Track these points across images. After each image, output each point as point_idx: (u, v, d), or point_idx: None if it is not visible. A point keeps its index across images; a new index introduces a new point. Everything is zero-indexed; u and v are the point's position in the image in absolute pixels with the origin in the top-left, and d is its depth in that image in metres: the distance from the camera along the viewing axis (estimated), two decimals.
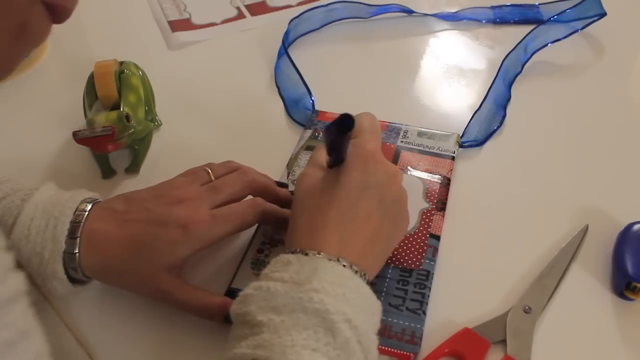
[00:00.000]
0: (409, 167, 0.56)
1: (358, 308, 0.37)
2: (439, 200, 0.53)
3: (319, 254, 0.39)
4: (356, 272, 0.39)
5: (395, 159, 0.57)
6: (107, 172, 0.58)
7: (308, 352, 0.34)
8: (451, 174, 0.56)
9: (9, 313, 0.26)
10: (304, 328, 0.35)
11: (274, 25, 0.74)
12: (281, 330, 0.35)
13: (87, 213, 0.44)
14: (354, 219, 0.41)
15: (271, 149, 0.60)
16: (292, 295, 0.36)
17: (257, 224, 0.51)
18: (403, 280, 0.47)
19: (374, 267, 0.42)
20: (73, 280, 0.44)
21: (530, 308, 0.46)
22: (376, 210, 0.42)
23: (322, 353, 0.34)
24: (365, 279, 0.40)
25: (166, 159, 0.60)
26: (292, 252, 0.40)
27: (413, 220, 0.52)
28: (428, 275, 0.48)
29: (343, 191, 0.42)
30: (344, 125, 0.38)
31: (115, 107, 0.56)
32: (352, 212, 0.42)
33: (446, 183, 0.55)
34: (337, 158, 0.44)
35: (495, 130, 0.61)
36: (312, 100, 0.65)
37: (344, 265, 0.39)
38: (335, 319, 0.35)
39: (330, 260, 0.39)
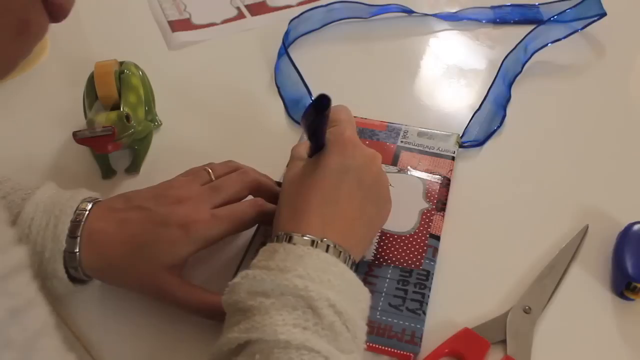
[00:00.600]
0: (409, 167, 0.56)
1: (343, 294, 0.38)
2: (439, 201, 0.53)
3: (303, 235, 0.40)
4: (340, 252, 0.40)
5: (395, 159, 0.57)
6: (107, 172, 0.58)
7: (299, 330, 0.35)
8: (451, 174, 0.56)
9: (14, 282, 0.26)
10: (294, 309, 0.36)
11: (274, 25, 0.74)
12: (272, 311, 0.36)
13: (87, 212, 0.44)
14: (335, 201, 0.42)
15: (271, 149, 0.60)
16: (277, 282, 0.36)
17: (257, 224, 0.51)
18: (403, 280, 0.47)
19: (357, 249, 0.43)
20: (73, 279, 0.44)
21: (530, 308, 0.46)
22: (357, 192, 0.43)
23: (313, 331, 0.35)
24: (349, 260, 0.41)
25: (166, 159, 0.60)
26: (277, 238, 0.41)
27: (413, 220, 0.52)
28: (428, 275, 0.48)
29: (324, 175, 0.43)
30: (320, 105, 0.40)
31: (115, 107, 0.56)
32: (334, 194, 0.43)
33: (446, 183, 0.55)
34: (317, 143, 0.45)
35: (495, 130, 0.61)
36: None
37: (328, 246, 0.40)
38: (319, 304, 0.36)
39: (314, 242, 0.39)
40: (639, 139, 0.61)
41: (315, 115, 0.41)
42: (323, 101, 0.39)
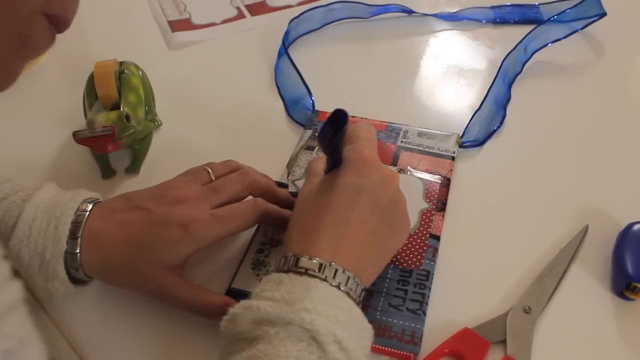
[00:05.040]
0: (409, 167, 0.56)
1: (349, 330, 0.36)
2: (439, 201, 0.53)
3: (311, 258, 0.39)
4: (349, 277, 0.39)
5: (395, 159, 0.57)
6: (107, 172, 0.58)
7: None
8: (451, 174, 0.56)
9: (8, 323, 0.27)
10: (298, 340, 0.35)
11: (274, 25, 0.74)
12: (275, 341, 0.35)
13: (88, 213, 0.44)
14: (347, 223, 0.41)
15: (271, 149, 0.60)
16: (282, 315, 0.35)
17: (257, 224, 0.51)
18: (403, 280, 0.47)
19: (369, 273, 0.42)
20: (74, 280, 0.44)
21: (530, 308, 0.46)
22: (370, 214, 0.42)
23: None
24: (359, 285, 0.39)
25: (166, 159, 0.60)
26: (285, 259, 0.40)
27: (413, 221, 0.52)
28: (428, 275, 0.48)
29: (337, 195, 0.42)
30: (337, 121, 0.38)
31: (115, 107, 0.56)
32: (346, 216, 0.41)
33: (446, 183, 0.55)
34: (333, 160, 0.43)
35: (495, 130, 0.61)
36: (312, 100, 0.65)
37: (337, 270, 0.38)
38: (325, 340, 0.35)
39: (322, 265, 0.38)
40: (639, 139, 0.61)
41: (333, 133, 0.39)
42: (340, 116, 0.37)
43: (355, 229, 0.41)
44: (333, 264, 0.39)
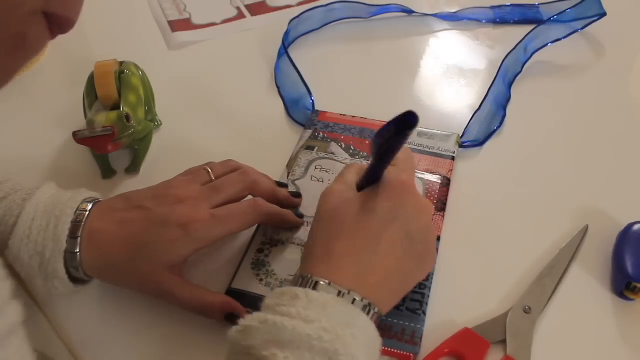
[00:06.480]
0: None
1: (364, 348, 0.36)
2: (439, 201, 0.53)
3: (330, 283, 0.38)
4: (365, 307, 0.38)
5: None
6: (107, 172, 0.58)
7: None
8: (451, 174, 0.56)
9: (7, 348, 0.26)
10: None
11: (274, 25, 0.74)
12: None
13: (88, 213, 0.44)
14: (375, 250, 0.40)
15: (271, 149, 0.60)
16: (299, 331, 0.34)
17: (257, 224, 0.51)
18: None
19: (388, 303, 0.41)
20: (74, 279, 0.45)
21: (530, 308, 0.46)
22: (399, 244, 0.41)
23: None
24: (376, 313, 0.39)
25: (166, 159, 0.60)
26: (303, 279, 0.39)
27: None
28: (428, 275, 0.48)
29: (370, 220, 0.41)
30: (405, 124, 0.35)
31: (115, 107, 0.56)
32: (375, 243, 0.40)
33: (446, 183, 0.55)
34: (374, 172, 0.42)
35: (495, 130, 0.61)
36: (312, 100, 0.65)
37: (354, 300, 0.37)
38: (344, 359, 0.34)
39: (341, 293, 0.37)
40: (639, 139, 0.61)
41: (394, 133, 0.36)
42: (410, 119, 0.34)
43: (382, 258, 0.40)
44: (352, 292, 0.38)
